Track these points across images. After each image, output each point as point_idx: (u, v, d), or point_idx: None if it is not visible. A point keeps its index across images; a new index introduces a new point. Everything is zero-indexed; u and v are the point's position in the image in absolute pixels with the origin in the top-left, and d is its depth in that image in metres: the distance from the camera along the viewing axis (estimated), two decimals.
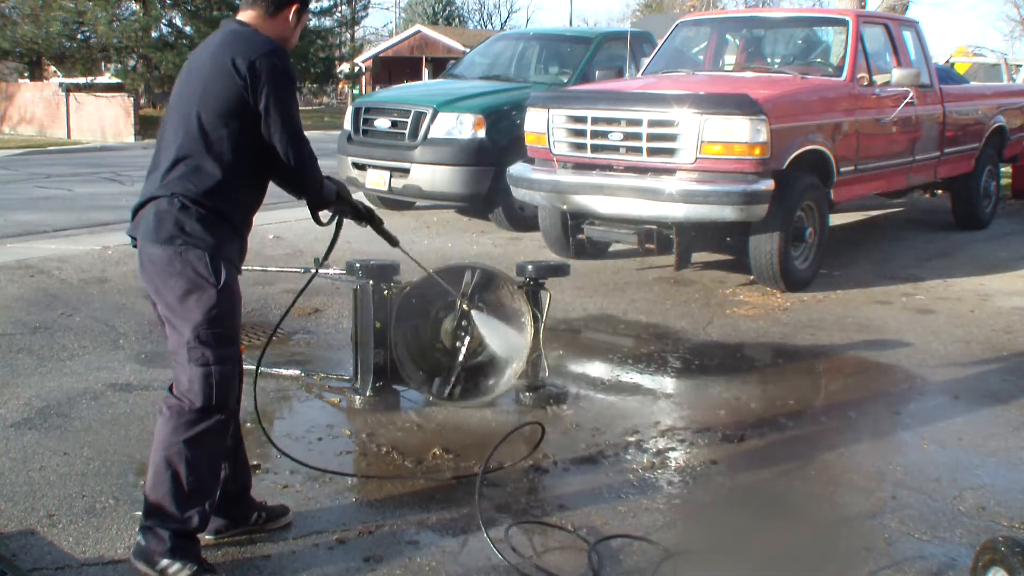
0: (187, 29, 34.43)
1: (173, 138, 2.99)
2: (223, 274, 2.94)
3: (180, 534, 2.94)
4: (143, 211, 2.99)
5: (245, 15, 3.10)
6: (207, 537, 3.17)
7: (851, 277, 7.59)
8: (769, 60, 8.89)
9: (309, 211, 3.32)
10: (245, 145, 2.98)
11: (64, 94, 26.43)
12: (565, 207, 7.39)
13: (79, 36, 31.17)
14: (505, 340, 4.53)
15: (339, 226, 3.48)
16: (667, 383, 5.12)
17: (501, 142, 9.19)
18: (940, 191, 10.38)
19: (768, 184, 6.56)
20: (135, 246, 3.03)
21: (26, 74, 33.85)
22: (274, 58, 2.94)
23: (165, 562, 2.92)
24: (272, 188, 3.15)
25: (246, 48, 2.95)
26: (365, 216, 3.48)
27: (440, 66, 33.65)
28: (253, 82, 2.91)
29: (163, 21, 30.58)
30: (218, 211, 2.96)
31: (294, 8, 3.10)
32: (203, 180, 2.93)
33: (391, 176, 9.53)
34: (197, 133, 2.94)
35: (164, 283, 2.93)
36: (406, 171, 9.40)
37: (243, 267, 3.18)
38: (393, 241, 3.73)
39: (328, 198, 3.27)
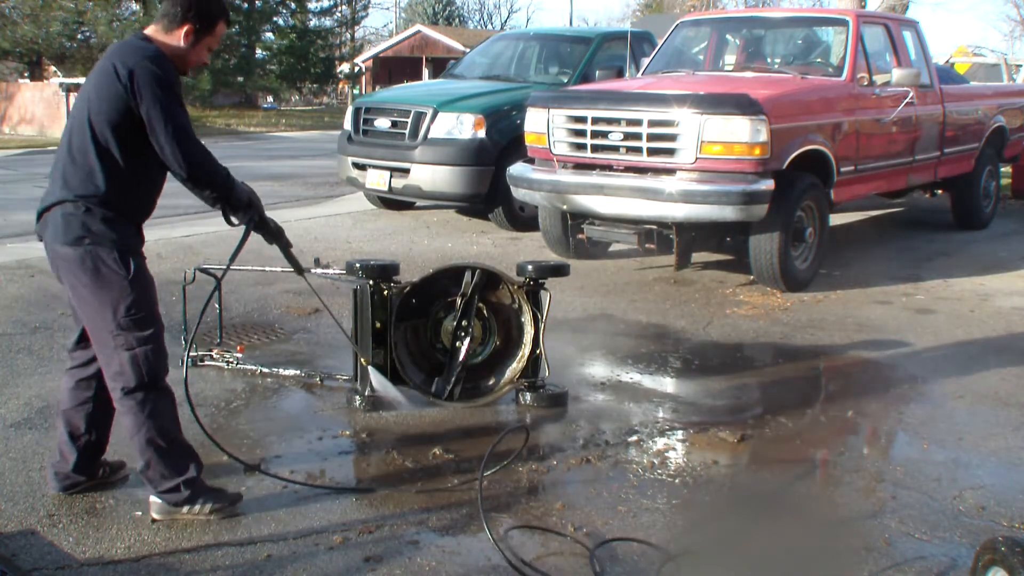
0: None
1: (72, 143, 3.22)
2: (132, 265, 3.22)
3: (188, 483, 3.33)
4: (49, 214, 3.25)
5: (149, 28, 3.37)
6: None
7: (851, 277, 7.59)
8: (769, 60, 8.89)
9: (221, 212, 3.42)
10: (135, 146, 3.19)
11: (64, 94, 26.36)
12: (565, 207, 7.39)
13: (79, 36, 31.19)
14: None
15: (247, 233, 3.53)
16: (667, 383, 5.12)
17: (501, 142, 9.20)
18: (940, 191, 10.38)
19: (768, 184, 6.56)
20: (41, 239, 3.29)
21: (26, 74, 33.85)
22: (151, 64, 3.15)
23: (187, 507, 3.34)
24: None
25: (128, 55, 3.18)
26: (273, 232, 3.57)
27: (440, 66, 33.65)
28: (133, 87, 3.12)
29: None
30: (119, 210, 3.22)
31: (186, 28, 3.31)
32: (100, 184, 3.17)
33: (391, 176, 9.54)
34: (90, 139, 3.17)
35: (79, 280, 3.21)
36: (406, 171, 9.41)
37: (242, 268, 3.20)
38: (299, 269, 3.81)
39: (239, 197, 3.38)
